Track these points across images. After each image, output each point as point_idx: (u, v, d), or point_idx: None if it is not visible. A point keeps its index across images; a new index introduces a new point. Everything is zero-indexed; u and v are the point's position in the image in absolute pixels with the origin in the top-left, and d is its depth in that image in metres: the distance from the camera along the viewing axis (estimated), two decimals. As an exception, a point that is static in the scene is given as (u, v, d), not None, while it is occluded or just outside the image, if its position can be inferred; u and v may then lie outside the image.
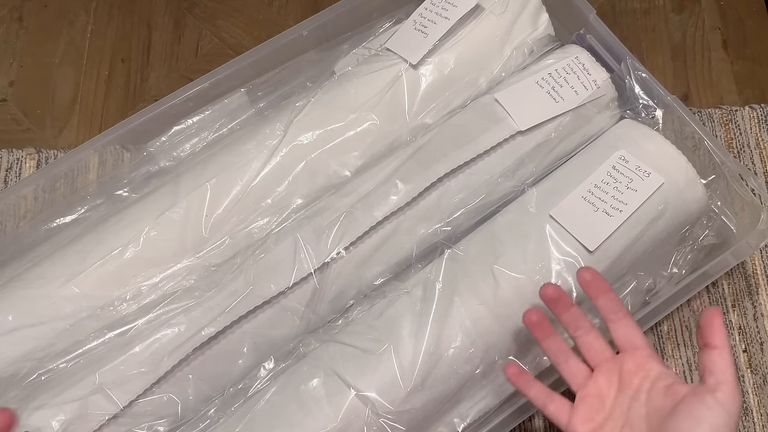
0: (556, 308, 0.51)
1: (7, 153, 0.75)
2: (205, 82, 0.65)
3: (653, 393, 0.46)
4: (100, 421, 0.51)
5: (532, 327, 0.51)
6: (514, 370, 0.51)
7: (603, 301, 0.50)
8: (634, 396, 0.47)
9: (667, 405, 0.45)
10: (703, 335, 0.46)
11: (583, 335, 0.51)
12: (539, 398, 0.50)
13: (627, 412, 0.47)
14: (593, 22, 0.66)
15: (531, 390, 0.51)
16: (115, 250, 0.56)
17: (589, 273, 0.50)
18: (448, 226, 0.60)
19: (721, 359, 0.44)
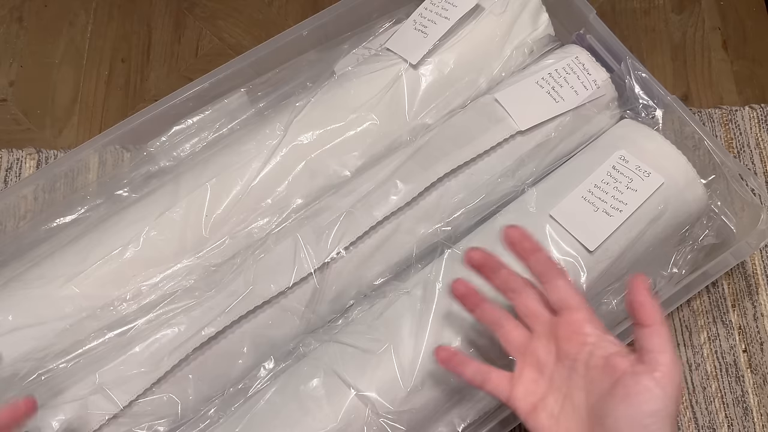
0: (484, 273, 0.48)
1: (7, 153, 0.75)
2: (205, 82, 0.65)
3: (591, 365, 0.43)
4: (100, 421, 0.51)
5: (460, 299, 0.49)
6: (443, 354, 0.48)
7: (533, 261, 0.47)
8: (572, 366, 0.44)
9: (605, 383, 0.42)
10: (632, 314, 0.43)
11: (517, 297, 0.48)
12: (476, 377, 0.47)
13: (567, 382, 0.44)
14: (593, 22, 0.66)
15: (466, 370, 0.47)
16: (115, 250, 0.56)
17: (515, 231, 0.47)
18: (448, 226, 0.60)
19: (656, 337, 0.41)
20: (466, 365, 0.48)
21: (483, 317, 0.49)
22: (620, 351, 0.43)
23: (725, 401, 0.66)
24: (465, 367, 0.48)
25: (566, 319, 0.45)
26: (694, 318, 0.68)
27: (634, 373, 0.41)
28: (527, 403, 0.45)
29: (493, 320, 0.48)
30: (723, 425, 0.65)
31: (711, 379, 0.66)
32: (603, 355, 0.43)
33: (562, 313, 0.46)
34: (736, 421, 0.65)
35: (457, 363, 0.48)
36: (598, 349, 0.44)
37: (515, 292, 0.48)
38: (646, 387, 0.40)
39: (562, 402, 0.44)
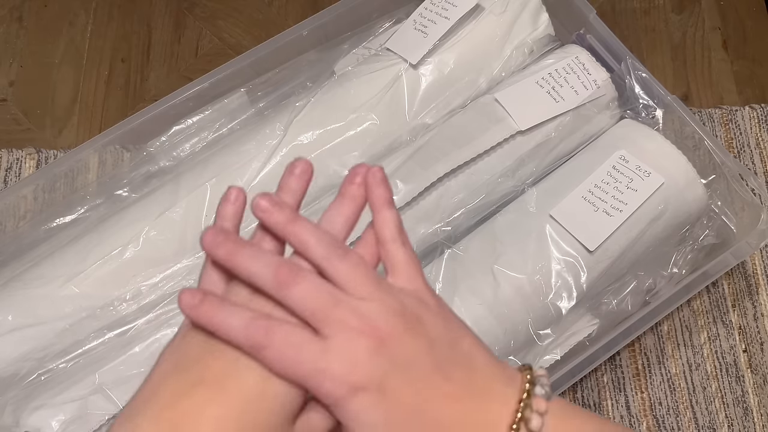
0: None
1: (7, 153, 0.75)
2: (205, 82, 0.65)
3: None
4: (99, 421, 0.51)
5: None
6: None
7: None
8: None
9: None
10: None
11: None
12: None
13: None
14: (593, 22, 0.66)
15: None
16: (114, 250, 0.56)
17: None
18: (448, 226, 0.59)
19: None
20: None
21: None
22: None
23: (725, 401, 0.66)
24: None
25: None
26: (695, 318, 0.68)
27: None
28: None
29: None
30: (723, 425, 0.65)
31: (711, 379, 0.66)
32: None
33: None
34: (737, 422, 0.65)
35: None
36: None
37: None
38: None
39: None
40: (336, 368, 0.32)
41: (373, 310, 0.33)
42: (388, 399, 0.32)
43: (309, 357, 0.32)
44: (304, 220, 0.36)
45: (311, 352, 0.32)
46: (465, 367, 0.34)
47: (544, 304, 0.55)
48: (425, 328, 0.34)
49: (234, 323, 0.32)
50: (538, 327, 0.56)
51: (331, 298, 0.33)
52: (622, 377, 0.66)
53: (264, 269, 0.34)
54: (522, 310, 0.55)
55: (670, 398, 0.65)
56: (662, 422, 0.64)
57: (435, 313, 0.35)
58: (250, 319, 0.32)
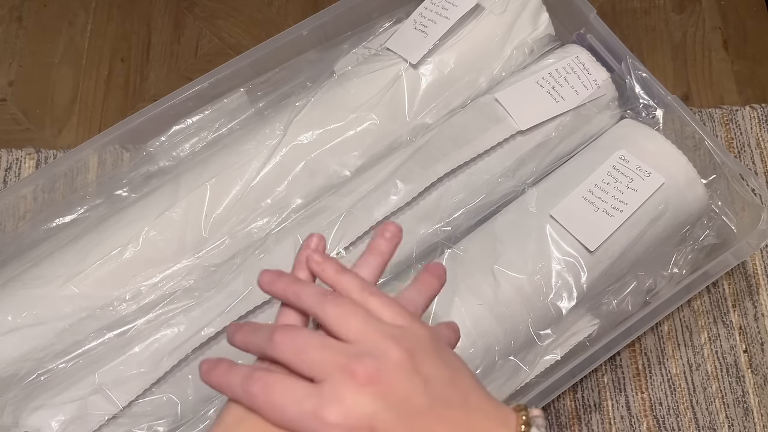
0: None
1: (6, 153, 0.75)
2: (205, 82, 0.64)
3: None
4: (99, 421, 0.51)
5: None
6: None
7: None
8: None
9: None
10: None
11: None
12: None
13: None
14: (593, 22, 0.66)
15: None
16: (114, 250, 0.56)
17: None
18: (448, 226, 0.59)
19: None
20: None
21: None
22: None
23: (726, 401, 0.65)
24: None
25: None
26: (695, 318, 0.68)
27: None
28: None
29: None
30: (723, 425, 0.65)
31: (711, 379, 0.66)
32: None
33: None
34: (737, 422, 0.65)
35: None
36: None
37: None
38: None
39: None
40: (329, 413, 0.32)
41: (362, 352, 0.33)
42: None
43: (302, 404, 0.32)
44: (292, 276, 0.38)
45: (304, 398, 0.33)
46: (460, 406, 0.34)
47: (545, 304, 0.55)
48: (419, 364, 0.34)
49: (233, 381, 0.34)
50: (539, 327, 0.56)
51: (319, 344, 0.34)
52: (623, 377, 0.66)
53: (260, 335, 0.36)
54: (522, 310, 0.55)
55: (671, 398, 0.65)
56: (662, 422, 0.64)
57: (432, 351, 0.35)
58: (248, 373, 0.34)
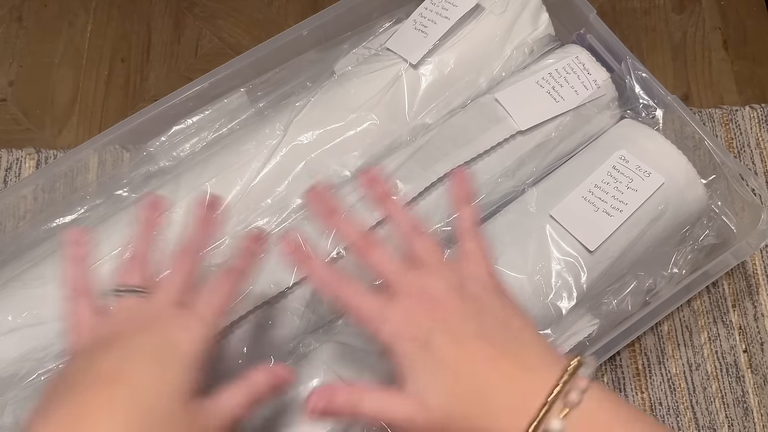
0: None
1: (6, 153, 0.75)
2: (205, 82, 0.64)
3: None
4: (99, 421, 0.51)
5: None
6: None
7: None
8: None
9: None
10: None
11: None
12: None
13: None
14: (593, 22, 0.66)
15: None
16: (114, 250, 0.56)
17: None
18: (448, 226, 0.59)
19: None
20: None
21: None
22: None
23: (725, 401, 0.65)
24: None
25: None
26: (695, 318, 0.68)
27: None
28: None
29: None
30: (723, 425, 0.65)
31: (711, 379, 0.66)
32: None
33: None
34: (737, 422, 0.65)
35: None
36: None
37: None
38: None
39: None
40: (394, 318, 0.40)
41: (434, 281, 0.41)
42: (433, 353, 0.38)
43: (375, 306, 0.41)
44: (397, 202, 0.46)
45: (378, 303, 0.41)
46: (513, 340, 0.39)
47: (544, 304, 0.55)
48: (479, 303, 0.40)
49: (327, 279, 0.43)
50: (538, 327, 0.56)
51: (401, 267, 0.42)
52: (622, 377, 0.66)
53: (352, 234, 0.45)
54: (522, 310, 0.55)
55: (671, 398, 0.65)
56: (662, 422, 0.64)
57: (493, 294, 0.41)
58: (334, 272, 0.44)
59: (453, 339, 0.38)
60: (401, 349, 0.39)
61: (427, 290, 0.40)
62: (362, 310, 0.41)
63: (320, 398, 0.40)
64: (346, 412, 0.40)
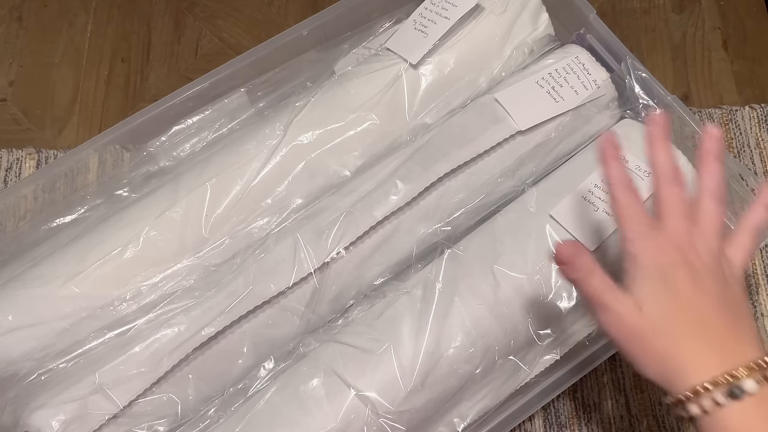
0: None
1: (7, 153, 0.75)
2: (205, 82, 0.65)
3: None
4: (100, 421, 0.51)
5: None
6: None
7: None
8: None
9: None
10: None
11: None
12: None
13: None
14: (593, 22, 0.66)
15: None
16: (114, 250, 0.56)
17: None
18: (448, 226, 0.60)
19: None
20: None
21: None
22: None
23: (725, 401, 0.65)
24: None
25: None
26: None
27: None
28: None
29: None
30: (723, 425, 0.65)
31: (711, 379, 0.66)
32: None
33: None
34: (737, 421, 0.65)
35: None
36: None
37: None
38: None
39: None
40: (651, 239, 0.45)
41: (700, 239, 0.45)
42: (667, 277, 0.43)
43: (642, 218, 0.45)
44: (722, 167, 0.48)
45: (645, 218, 0.45)
46: (736, 313, 0.44)
47: (544, 304, 0.55)
48: (723, 281, 0.44)
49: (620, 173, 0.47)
50: (538, 327, 0.56)
51: (682, 209, 0.46)
52: (622, 377, 0.66)
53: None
54: (522, 310, 0.55)
55: (670, 398, 0.65)
56: (662, 422, 0.64)
57: (737, 284, 0.46)
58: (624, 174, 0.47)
59: (692, 279, 0.43)
60: (644, 262, 0.44)
61: (691, 239, 0.45)
62: (629, 212, 0.45)
63: (569, 250, 0.45)
64: (579, 274, 0.45)
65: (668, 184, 0.46)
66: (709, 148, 0.47)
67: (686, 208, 0.46)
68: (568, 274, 0.45)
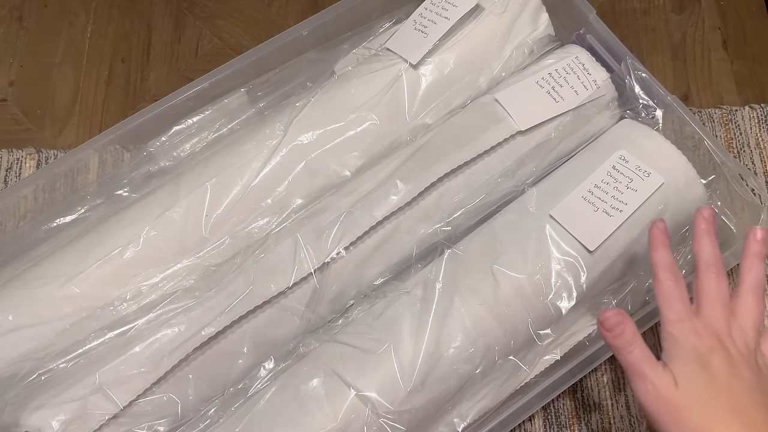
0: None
1: (7, 153, 0.75)
2: (205, 82, 0.65)
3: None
4: (100, 421, 0.51)
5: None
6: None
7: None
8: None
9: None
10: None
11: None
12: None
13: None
14: (593, 22, 0.66)
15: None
16: (115, 250, 0.56)
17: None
18: (448, 226, 0.60)
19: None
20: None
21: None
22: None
23: (725, 401, 0.65)
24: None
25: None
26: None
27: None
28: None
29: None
30: (723, 425, 0.65)
31: (711, 379, 0.66)
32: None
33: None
34: (736, 421, 0.65)
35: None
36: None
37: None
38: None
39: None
40: (692, 321, 0.47)
41: (737, 331, 0.47)
42: (704, 359, 0.45)
43: (684, 303, 0.48)
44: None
45: (687, 304, 0.48)
46: (763, 409, 0.45)
47: (544, 304, 0.55)
48: (758, 371, 0.46)
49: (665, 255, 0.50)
50: (538, 327, 0.56)
51: (720, 301, 0.48)
52: (622, 377, 0.66)
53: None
54: (522, 310, 0.55)
55: (670, 398, 0.65)
56: None
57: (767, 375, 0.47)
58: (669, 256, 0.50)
59: (728, 365, 0.45)
60: (682, 343, 0.46)
61: (729, 328, 0.47)
62: (672, 294, 0.48)
63: (616, 318, 0.47)
64: (622, 341, 0.47)
65: (711, 274, 0.49)
66: (753, 247, 0.50)
67: (726, 299, 0.48)
68: (611, 340, 0.47)
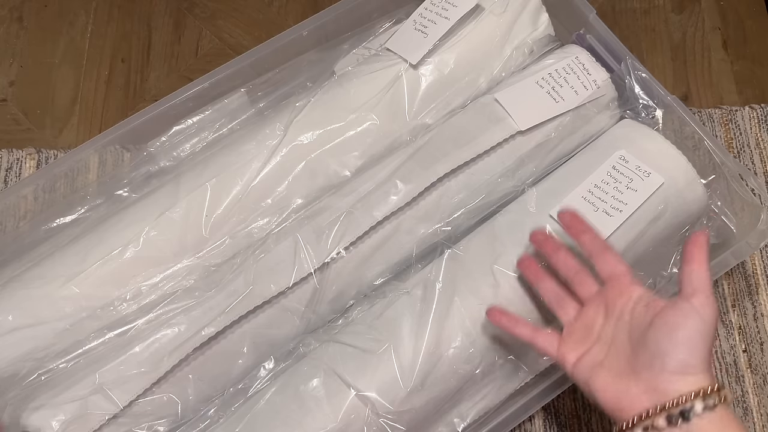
0: (546, 248, 0.53)
1: (7, 153, 0.75)
2: (205, 82, 0.65)
3: (635, 312, 0.48)
4: (100, 421, 0.51)
5: (525, 271, 0.54)
6: (495, 314, 0.53)
7: (585, 238, 0.52)
8: (618, 317, 0.49)
9: (647, 319, 0.46)
10: (685, 253, 0.47)
11: (574, 274, 0.52)
12: (526, 332, 0.52)
13: (612, 334, 0.49)
14: (593, 22, 0.66)
15: (516, 327, 0.52)
16: (115, 250, 0.56)
17: (569, 214, 0.53)
18: (448, 226, 0.60)
19: (698, 272, 0.46)
20: (515, 324, 0.52)
21: (545, 290, 0.53)
22: (661, 298, 0.48)
23: (725, 401, 0.66)
24: (515, 325, 0.52)
25: (615, 282, 0.50)
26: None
27: (673, 303, 0.46)
28: (573, 357, 0.49)
29: (552, 294, 0.53)
30: (723, 425, 0.65)
31: (711, 379, 0.66)
32: (646, 302, 0.48)
33: (610, 279, 0.50)
34: (736, 421, 0.65)
35: (507, 321, 0.53)
36: (641, 300, 0.48)
37: (572, 270, 0.52)
38: (683, 312, 0.45)
39: (606, 349, 0.48)
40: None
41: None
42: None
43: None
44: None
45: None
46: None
47: (545, 303, 0.55)
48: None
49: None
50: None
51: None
52: (622, 377, 0.66)
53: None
54: (522, 310, 0.55)
55: (670, 398, 0.65)
56: (662, 422, 0.64)
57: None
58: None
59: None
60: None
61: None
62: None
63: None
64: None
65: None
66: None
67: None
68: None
